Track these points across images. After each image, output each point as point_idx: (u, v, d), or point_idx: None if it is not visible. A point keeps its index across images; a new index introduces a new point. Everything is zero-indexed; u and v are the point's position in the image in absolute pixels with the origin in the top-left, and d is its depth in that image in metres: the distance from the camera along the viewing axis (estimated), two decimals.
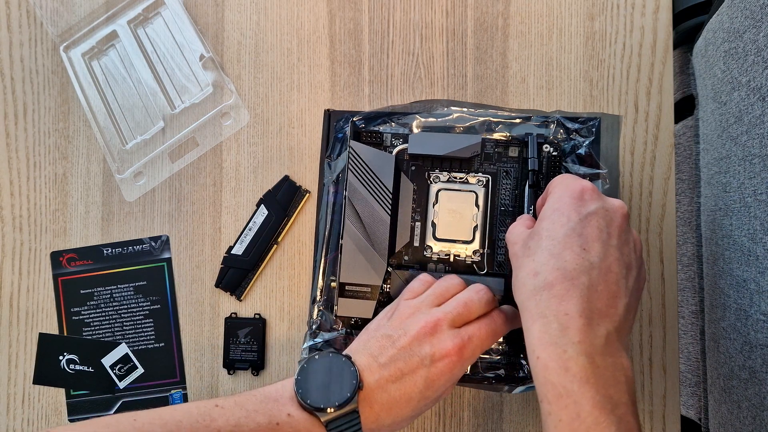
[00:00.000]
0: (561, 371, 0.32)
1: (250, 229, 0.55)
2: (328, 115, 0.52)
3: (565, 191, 0.38)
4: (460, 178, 0.48)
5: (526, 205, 0.46)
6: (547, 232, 0.37)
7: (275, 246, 0.54)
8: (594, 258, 0.35)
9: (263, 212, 0.55)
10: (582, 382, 0.32)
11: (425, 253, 0.48)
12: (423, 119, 0.50)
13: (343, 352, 0.39)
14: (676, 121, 0.55)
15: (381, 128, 0.50)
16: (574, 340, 0.33)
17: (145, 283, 0.55)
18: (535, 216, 0.44)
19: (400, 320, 0.40)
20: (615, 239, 0.36)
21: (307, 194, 0.54)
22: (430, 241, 0.48)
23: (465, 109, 0.51)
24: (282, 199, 0.54)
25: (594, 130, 0.48)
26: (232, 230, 0.55)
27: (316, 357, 0.39)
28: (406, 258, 0.48)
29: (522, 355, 0.47)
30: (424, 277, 0.44)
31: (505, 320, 0.42)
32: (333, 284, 0.50)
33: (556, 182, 0.40)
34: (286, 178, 0.55)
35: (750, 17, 0.40)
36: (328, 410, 0.37)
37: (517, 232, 0.40)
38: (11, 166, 0.57)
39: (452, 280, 0.43)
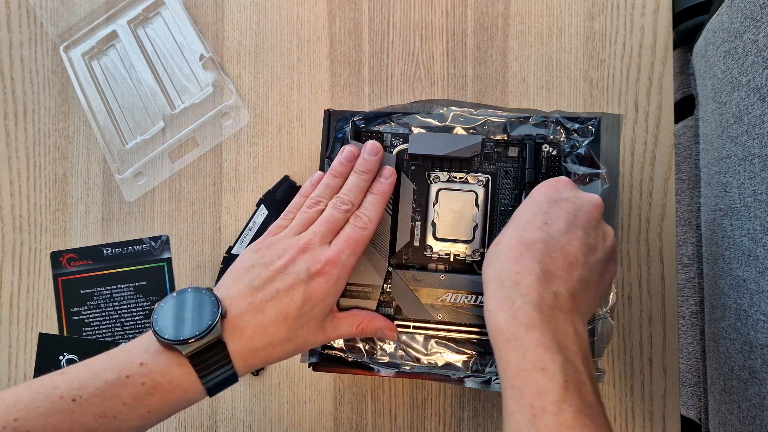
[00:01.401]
0: (509, 319, 0.33)
1: (250, 229, 0.55)
2: (328, 115, 0.52)
3: (541, 185, 0.41)
4: (460, 178, 0.48)
5: None
6: (518, 213, 0.39)
7: None
8: (554, 232, 0.36)
9: (263, 212, 0.55)
10: (528, 327, 0.33)
11: (425, 252, 0.48)
12: (423, 119, 0.50)
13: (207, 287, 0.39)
14: (676, 121, 0.55)
15: (381, 128, 0.50)
16: (523, 293, 0.34)
17: (145, 283, 0.55)
18: None
19: (270, 250, 0.41)
20: (581, 221, 0.37)
21: None
22: (430, 241, 0.48)
23: (465, 109, 0.51)
24: (282, 199, 0.54)
25: (594, 129, 0.48)
26: (232, 230, 0.55)
27: (174, 294, 0.38)
28: (406, 258, 0.48)
29: None
30: (286, 212, 0.44)
31: (368, 220, 0.43)
32: None
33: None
34: (286, 178, 0.55)
35: (750, 17, 0.41)
36: (190, 341, 0.35)
37: None
38: (11, 166, 0.57)
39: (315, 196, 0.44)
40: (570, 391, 0.31)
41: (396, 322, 0.47)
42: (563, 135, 0.48)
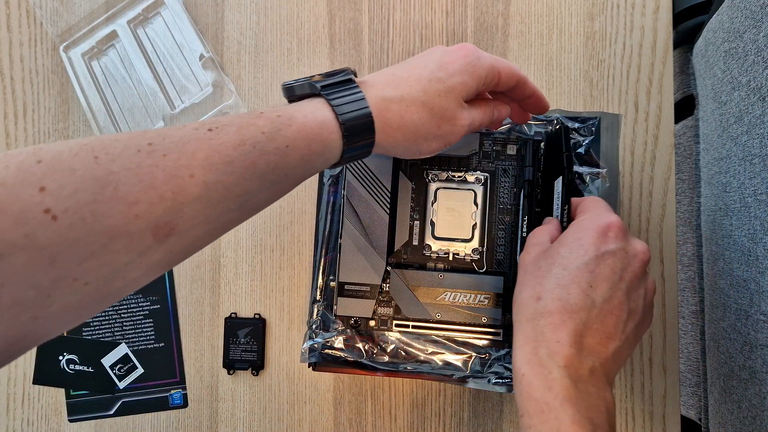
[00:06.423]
0: (544, 389, 0.33)
1: None
2: None
3: (591, 222, 0.38)
4: (459, 177, 0.48)
5: (520, 215, 0.46)
6: (561, 259, 0.37)
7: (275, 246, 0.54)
8: (598, 297, 0.35)
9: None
10: (563, 400, 0.33)
11: (424, 251, 0.48)
12: None
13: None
14: (676, 121, 0.55)
15: None
16: (560, 364, 0.34)
17: None
18: (563, 221, 0.41)
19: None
20: (626, 283, 0.36)
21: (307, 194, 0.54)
22: (429, 240, 0.48)
23: None
24: None
25: (594, 129, 0.48)
26: (231, 230, 0.55)
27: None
28: (405, 257, 0.48)
29: None
30: None
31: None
32: (332, 284, 0.50)
33: (587, 206, 0.40)
34: None
35: (750, 17, 0.40)
36: (315, 77, 0.35)
37: (537, 240, 0.40)
38: None
39: None
40: None
41: (395, 322, 0.47)
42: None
